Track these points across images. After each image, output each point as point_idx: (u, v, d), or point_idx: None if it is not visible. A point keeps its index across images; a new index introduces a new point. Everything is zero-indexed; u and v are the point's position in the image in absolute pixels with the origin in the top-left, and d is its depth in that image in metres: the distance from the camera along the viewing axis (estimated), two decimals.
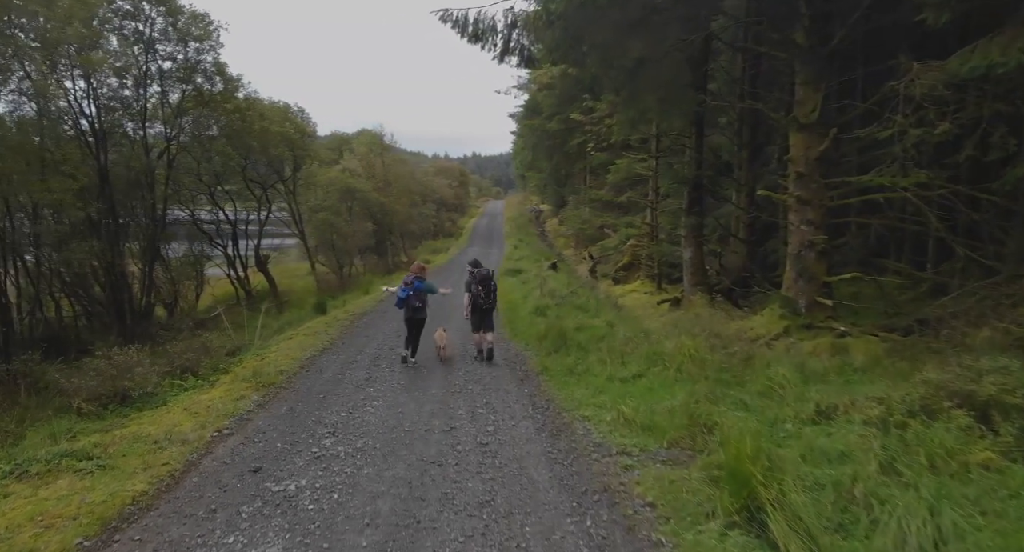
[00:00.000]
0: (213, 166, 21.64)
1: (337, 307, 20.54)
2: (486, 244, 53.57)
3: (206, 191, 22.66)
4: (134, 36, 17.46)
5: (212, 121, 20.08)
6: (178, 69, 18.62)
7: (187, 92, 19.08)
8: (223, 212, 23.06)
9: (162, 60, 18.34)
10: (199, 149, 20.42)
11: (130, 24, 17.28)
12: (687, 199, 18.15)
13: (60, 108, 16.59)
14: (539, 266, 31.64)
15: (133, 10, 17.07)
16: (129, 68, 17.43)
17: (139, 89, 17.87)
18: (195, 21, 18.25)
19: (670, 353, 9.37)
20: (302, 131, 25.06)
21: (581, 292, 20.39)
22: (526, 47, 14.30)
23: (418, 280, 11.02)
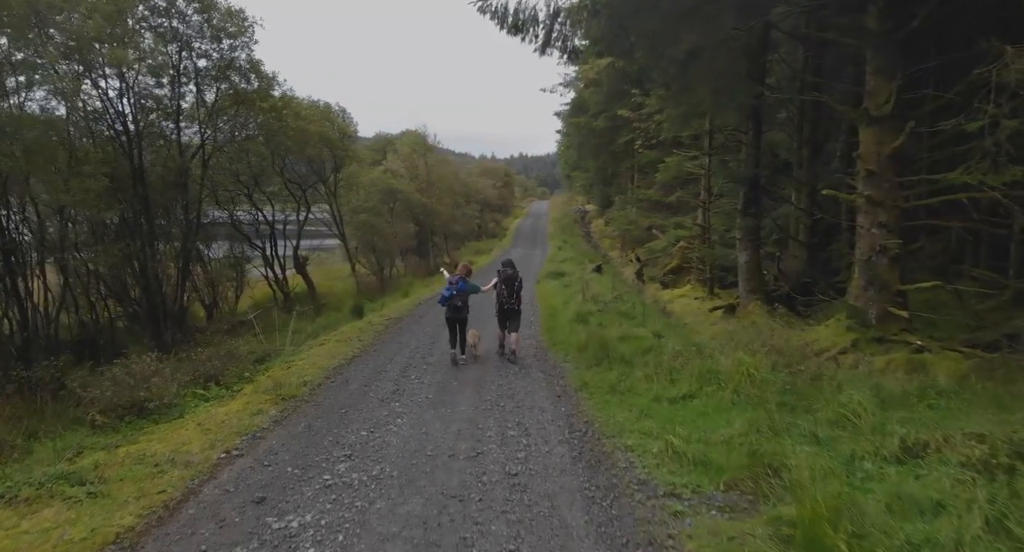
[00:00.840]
0: (251, 167, 21.43)
1: (375, 310, 20.13)
2: (529, 245, 52.89)
3: (244, 192, 22.53)
4: (170, 34, 17.32)
5: (248, 120, 19.87)
6: (213, 67, 18.45)
7: (221, 90, 18.90)
8: (261, 214, 22.88)
9: (197, 58, 18.22)
10: (235, 149, 20.20)
11: (164, 21, 17.16)
12: (743, 199, 17.04)
13: (95, 109, 16.57)
14: (583, 269, 30.73)
15: (167, 6, 16.92)
16: (164, 67, 17.32)
17: (174, 88, 17.75)
18: (230, 18, 18.04)
19: (726, 371, 8.46)
20: (342, 131, 24.73)
21: (626, 297, 19.45)
22: (569, 38, 13.53)
23: (463, 281, 11.39)
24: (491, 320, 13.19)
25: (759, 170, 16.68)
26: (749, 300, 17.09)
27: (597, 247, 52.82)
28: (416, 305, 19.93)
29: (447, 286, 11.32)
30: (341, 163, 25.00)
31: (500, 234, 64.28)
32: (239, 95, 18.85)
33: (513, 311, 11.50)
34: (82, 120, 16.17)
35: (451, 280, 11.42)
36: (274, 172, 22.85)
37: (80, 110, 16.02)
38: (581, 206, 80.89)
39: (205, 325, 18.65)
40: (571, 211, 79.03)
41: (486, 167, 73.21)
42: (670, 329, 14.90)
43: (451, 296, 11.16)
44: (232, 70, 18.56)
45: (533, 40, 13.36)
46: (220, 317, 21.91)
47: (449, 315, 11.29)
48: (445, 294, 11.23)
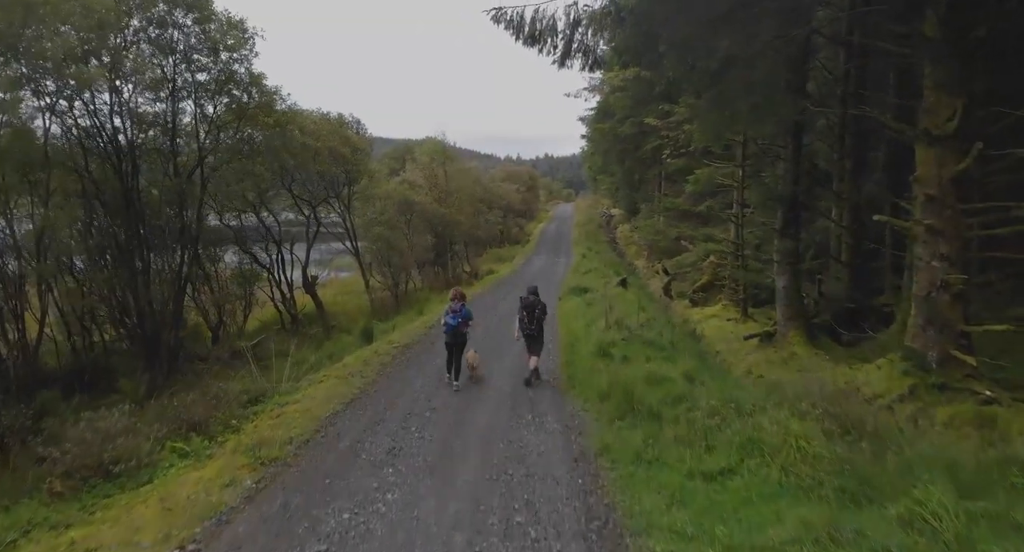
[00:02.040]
0: (256, 185, 20.44)
1: (386, 332, 19.22)
2: (553, 252, 51.72)
3: (251, 209, 21.66)
4: (168, 46, 16.48)
5: (251, 137, 18.95)
6: (211, 81, 17.64)
7: (221, 105, 18.07)
8: (268, 232, 21.98)
9: (196, 72, 17.35)
10: (237, 169, 19.25)
11: (162, 32, 16.32)
12: (780, 219, 15.77)
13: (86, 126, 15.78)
14: (607, 282, 29.55)
15: (165, 16, 16.11)
16: (162, 81, 16.51)
17: (169, 102, 16.95)
18: (230, 28, 17.22)
19: (771, 440, 7.29)
20: (353, 146, 23.81)
21: (653, 322, 18.26)
22: (591, 48, 12.42)
23: (462, 307, 11.77)
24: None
25: (798, 188, 15.39)
26: (788, 328, 15.82)
27: (623, 255, 51.48)
28: (428, 328, 18.93)
29: (450, 313, 11.67)
30: (354, 177, 24.13)
31: (523, 240, 63.18)
32: (241, 109, 18.01)
33: (535, 337, 12.07)
34: (64, 137, 15.39)
35: (453, 308, 11.71)
36: (282, 187, 22.01)
37: (70, 126, 15.30)
38: (607, 210, 79.41)
39: (208, 351, 17.84)
40: (596, 215, 77.67)
41: (510, 171, 72.15)
42: (702, 367, 13.69)
43: (457, 324, 11.62)
44: (232, 84, 17.73)
45: (552, 51, 12.30)
46: (227, 337, 21.18)
47: (449, 341, 11.73)
48: (451, 322, 11.62)
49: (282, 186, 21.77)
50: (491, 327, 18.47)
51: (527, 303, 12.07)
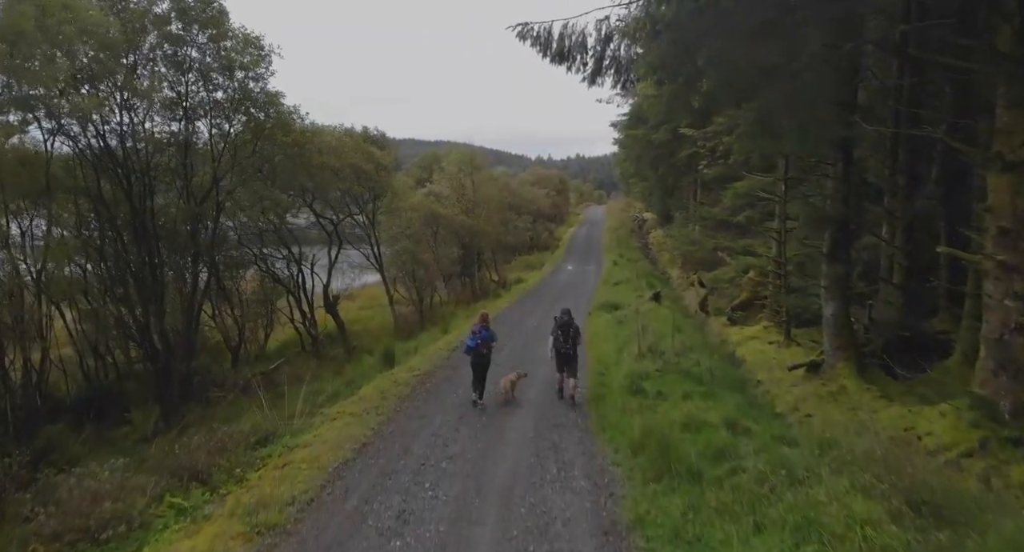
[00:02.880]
0: (272, 205, 19.86)
1: (408, 354, 18.59)
2: (582, 260, 50.81)
3: (271, 227, 21.11)
4: (185, 64, 16.05)
5: (266, 157, 18.38)
6: (226, 100, 17.17)
7: (235, 125, 17.59)
8: (288, 250, 21.46)
9: (212, 90, 16.88)
10: (254, 191, 18.64)
11: (177, 50, 15.87)
12: (829, 242, 14.72)
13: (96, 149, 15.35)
14: (639, 295, 28.61)
15: (183, 34, 15.68)
16: (176, 101, 16.06)
17: (184, 122, 16.50)
18: (246, 46, 16.74)
19: (831, 524, 6.40)
20: (377, 162, 23.22)
21: (690, 351, 17.28)
22: (624, 65, 11.58)
23: (485, 330, 12.45)
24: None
25: (849, 209, 14.32)
26: (836, 359, 14.77)
27: (655, 262, 50.27)
28: (451, 350, 18.24)
29: (471, 335, 12.46)
30: (379, 193, 23.53)
31: (553, 246, 62.34)
32: (259, 128, 17.47)
33: (570, 356, 12.34)
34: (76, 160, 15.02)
35: (475, 329, 12.52)
36: (303, 205, 21.50)
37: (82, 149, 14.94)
38: (639, 214, 78.07)
39: (224, 377, 17.37)
40: (628, 219, 76.40)
41: (539, 175, 71.43)
42: (745, 406, 12.74)
43: (476, 345, 12.29)
44: (249, 102, 17.22)
45: (581, 68, 11.48)
46: (247, 358, 20.79)
47: (474, 361, 12.38)
48: (471, 344, 12.38)
49: (303, 204, 21.28)
50: (516, 348, 17.77)
51: (562, 323, 12.42)
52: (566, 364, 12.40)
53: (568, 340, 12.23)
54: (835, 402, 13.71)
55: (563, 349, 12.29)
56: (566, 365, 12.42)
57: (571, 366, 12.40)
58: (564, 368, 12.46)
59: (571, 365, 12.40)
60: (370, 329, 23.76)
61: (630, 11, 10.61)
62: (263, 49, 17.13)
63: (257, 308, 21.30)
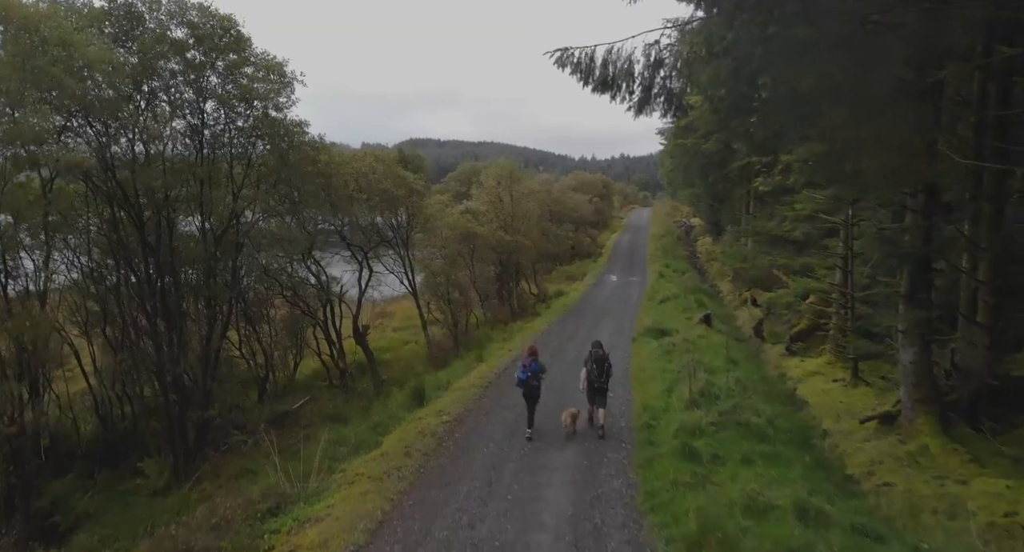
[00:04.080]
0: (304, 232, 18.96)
1: (439, 389, 17.68)
2: (626, 270, 49.37)
3: (299, 257, 20.32)
4: (206, 90, 15.40)
5: (285, 195, 17.63)
6: (247, 128, 16.41)
7: (254, 154, 16.86)
8: (315, 278, 20.71)
9: (232, 119, 16.13)
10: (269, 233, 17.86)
11: (199, 75, 15.21)
12: (907, 282, 13.25)
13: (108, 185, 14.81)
14: (688, 319, 27.19)
15: (204, 59, 15.01)
16: (198, 129, 15.41)
17: (202, 154, 15.77)
18: (268, 72, 16.02)
19: None
20: (409, 187, 22.41)
21: (747, 392, 15.97)
22: (675, 93, 10.42)
23: (535, 362, 12.81)
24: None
25: (931, 247, 12.82)
26: (916, 412, 13.31)
27: (703, 272, 48.59)
28: (486, 386, 17.29)
29: (522, 368, 12.80)
30: (412, 213, 22.68)
31: (595, 253, 60.95)
32: (282, 158, 16.72)
33: (603, 390, 12.94)
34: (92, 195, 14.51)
35: (524, 363, 12.85)
36: (332, 233, 20.78)
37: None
38: (686, 219, 76.17)
39: (245, 418, 16.70)
40: (674, 226, 74.47)
41: (582, 180, 69.98)
42: (815, 471, 11.46)
43: (527, 378, 12.67)
44: (270, 130, 16.47)
45: (627, 98, 10.39)
46: (275, 388, 20.22)
47: (526, 393, 12.82)
48: (522, 376, 12.73)
49: (333, 231, 20.57)
50: (556, 382, 16.74)
51: (596, 357, 12.95)
52: (597, 395, 12.97)
53: (602, 374, 12.81)
54: (916, 466, 12.29)
55: (596, 383, 12.83)
56: (597, 396, 12.98)
57: (602, 398, 13.03)
58: (595, 399, 13.00)
59: (602, 397, 13.03)
60: (402, 357, 23.01)
61: (683, 34, 9.50)
62: (285, 76, 16.42)
63: (286, 339, 20.70)
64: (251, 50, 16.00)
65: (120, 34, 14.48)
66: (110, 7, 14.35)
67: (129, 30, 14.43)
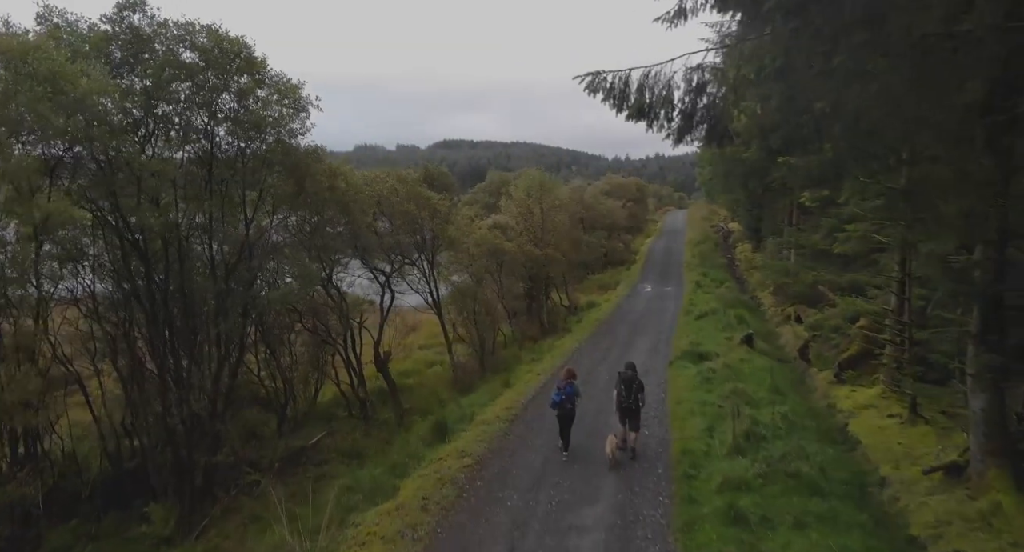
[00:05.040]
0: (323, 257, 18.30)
1: (463, 420, 16.92)
2: (661, 279, 48.15)
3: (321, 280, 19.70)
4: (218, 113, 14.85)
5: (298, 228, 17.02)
6: (261, 153, 15.79)
7: (268, 180, 16.22)
8: (335, 301, 20.02)
9: (246, 143, 15.52)
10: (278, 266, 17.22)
11: (214, 96, 14.65)
12: (978, 321, 12.03)
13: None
14: (728, 338, 26.03)
15: (218, 82, 14.45)
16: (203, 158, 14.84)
17: (211, 183, 15.16)
18: (283, 95, 15.39)
19: None
20: (434, 209, 21.70)
21: (795, 431, 14.93)
22: (719, 120, 9.47)
23: (570, 386, 13.31)
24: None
25: (1006, 284, 11.61)
26: (987, 465, 12.13)
27: (742, 282, 47.13)
28: (512, 419, 16.46)
29: (557, 391, 13.31)
30: (437, 233, 21.99)
31: (628, 261, 59.70)
32: (298, 182, 16.09)
33: (632, 410, 13.30)
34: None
35: (560, 386, 13.35)
36: (353, 256, 20.15)
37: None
38: (723, 224, 74.39)
39: (259, 455, 16.11)
40: (711, 230, 72.77)
41: (615, 184, 68.74)
42: (874, 534, 10.43)
43: (561, 401, 13.14)
44: (284, 157, 15.87)
45: (665, 125, 9.48)
46: (296, 413, 19.67)
47: (560, 414, 13.35)
48: (556, 399, 13.22)
49: (353, 255, 19.96)
50: (590, 409, 16.03)
51: (626, 378, 13.36)
52: (629, 417, 13.33)
53: (631, 395, 13.18)
54: (989, 529, 11.13)
55: (625, 404, 13.23)
56: (629, 418, 13.33)
57: (634, 420, 13.38)
58: (627, 421, 13.37)
59: (634, 419, 13.37)
60: (426, 382, 22.34)
61: (729, 57, 8.57)
62: (299, 100, 15.77)
63: (308, 362, 20.15)
64: (265, 72, 15.42)
65: (129, 57, 14.05)
66: (115, 31, 13.93)
67: (137, 53, 13.98)
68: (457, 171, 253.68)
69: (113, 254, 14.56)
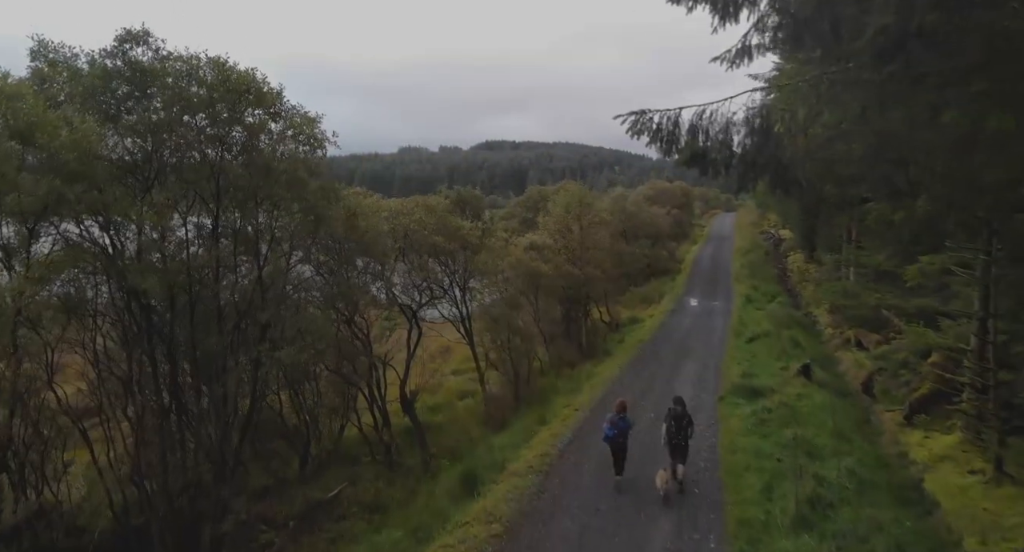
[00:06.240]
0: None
1: (493, 469, 15.83)
2: (708, 292, 46.40)
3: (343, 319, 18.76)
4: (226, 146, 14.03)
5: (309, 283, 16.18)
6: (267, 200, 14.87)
7: (281, 219, 15.32)
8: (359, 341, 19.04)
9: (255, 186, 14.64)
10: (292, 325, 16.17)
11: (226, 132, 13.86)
12: None
13: None
14: (784, 368, 24.43)
15: (228, 114, 13.64)
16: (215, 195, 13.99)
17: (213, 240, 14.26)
18: (297, 129, 14.53)
19: None
20: (463, 241, 20.72)
21: (866, 490, 13.50)
22: (787, 168, 8.16)
23: (623, 420, 13.67)
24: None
25: None
26: None
27: (795, 296, 45.02)
28: (547, 471, 15.26)
29: (609, 424, 13.64)
30: (468, 264, 21.00)
31: (673, 271, 57.87)
32: (318, 219, 15.10)
33: (681, 446, 13.57)
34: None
35: (613, 420, 13.65)
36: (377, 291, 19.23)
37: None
38: (773, 231, 71.85)
39: (279, 501, 15.34)
40: (760, 238, 70.37)
41: (659, 189, 66.91)
42: None
43: (615, 435, 13.55)
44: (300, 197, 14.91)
45: (722, 172, 8.21)
46: (320, 451, 18.86)
47: (613, 447, 13.72)
48: (609, 433, 13.57)
49: (377, 292, 19.04)
50: (635, 452, 14.80)
51: (676, 414, 13.57)
52: (678, 452, 13.57)
53: (680, 431, 13.47)
54: None
55: (675, 440, 13.47)
56: (678, 453, 13.57)
57: (682, 454, 13.65)
58: (675, 455, 13.57)
59: (683, 453, 13.65)
60: (456, 418, 21.32)
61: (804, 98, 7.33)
62: (315, 137, 14.84)
63: (333, 398, 19.31)
64: (281, 104, 14.53)
65: (134, 91, 13.31)
66: (116, 67, 13.13)
67: (143, 88, 13.22)
68: (499, 172, 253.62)
69: (113, 303, 13.90)
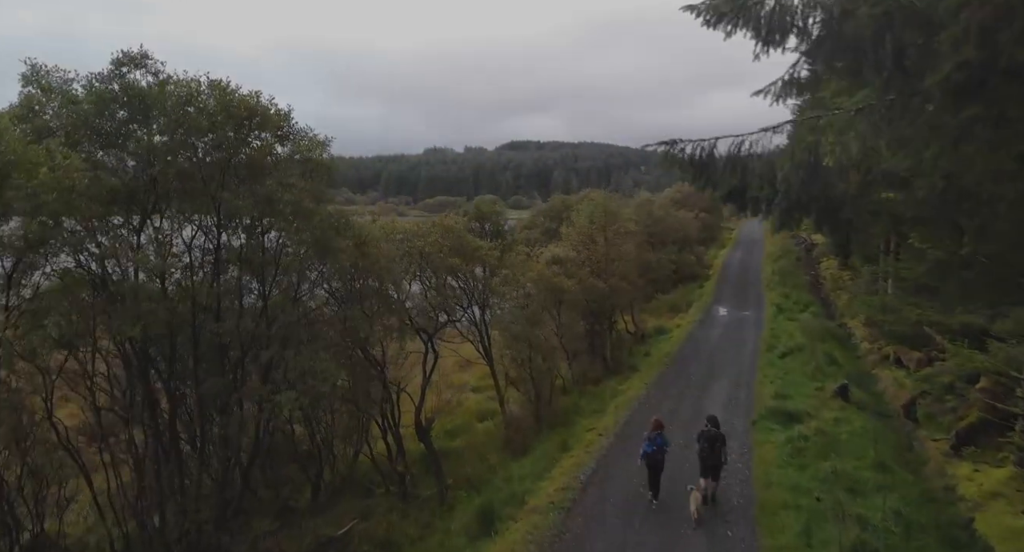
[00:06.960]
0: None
1: (512, 503, 15.14)
2: (737, 301, 45.27)
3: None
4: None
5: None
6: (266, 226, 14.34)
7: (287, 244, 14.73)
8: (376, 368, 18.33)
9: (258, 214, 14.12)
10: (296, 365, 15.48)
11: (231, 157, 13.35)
12: None
13: None
14: (819, 388, 23.45)
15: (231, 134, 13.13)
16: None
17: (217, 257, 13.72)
18: (309, 151, 13.98)
19: None
20: (482, 261, 20.12)
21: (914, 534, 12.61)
22: (838, 207, 7.36)
23: (659, 437, 14.08)
24: None
25: None
26: None
27: (829, 305, 43.69)
28: (569, 506, 14.52)
29: (647, 441, 14.02)
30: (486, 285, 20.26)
31: (701, 276, 56.72)
32: (326, 242, 14.48)
33: (714, 466, 13.98)
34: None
35: (650, 437, 14.04)
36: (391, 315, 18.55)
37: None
38: (805, 235, 70.02)
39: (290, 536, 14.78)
40: (791, 242, 68.70)
41: (686, 193, 65.41)
42: None
43: (653, 452, 13.93)
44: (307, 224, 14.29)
45: (763, 209, 7.45)
46: (333, 478, 18.29)
47: (650, 464, 14.07)
48: (647, 450, 13.94)
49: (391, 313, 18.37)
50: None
51: (709, 436, 13.95)
52: (711, 470, 14.02)
53: (713, 452, 13.84)
54: None
55: (710, 462, 13.91)
56: (711, 471, 14.03)
57: (716, 472, 14.11)
58: (709, 474, 14.04)
59: (716, 472, 14.10)
60: (475, 443, 20.60)
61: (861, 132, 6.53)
62: (322, 163, 14.31)
63: (347, 420, 18.72)
64: (288, 126, 13.95)
65: (136, 115, 12.84)
66: (112, 92, 12.65)
67: (144, 113, 12.75)
68: (524, 172, 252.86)
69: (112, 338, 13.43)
